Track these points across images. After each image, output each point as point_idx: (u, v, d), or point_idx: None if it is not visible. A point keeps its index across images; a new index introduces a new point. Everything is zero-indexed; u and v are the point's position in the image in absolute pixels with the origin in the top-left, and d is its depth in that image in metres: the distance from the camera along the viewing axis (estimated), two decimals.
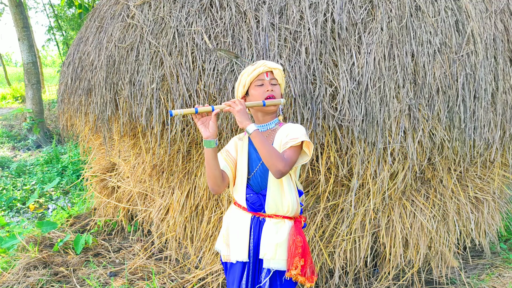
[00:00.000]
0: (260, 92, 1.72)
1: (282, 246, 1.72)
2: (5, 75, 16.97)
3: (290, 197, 1.72)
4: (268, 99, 1.71)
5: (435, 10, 2.48)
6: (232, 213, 1.86)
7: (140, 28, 2.62)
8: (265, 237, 1.73)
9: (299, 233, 1.75)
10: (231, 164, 1.82)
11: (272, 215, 1.75)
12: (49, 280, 2.88)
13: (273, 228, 1.73)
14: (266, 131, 1.78)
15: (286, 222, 1.75)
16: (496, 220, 3.06)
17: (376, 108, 2.29)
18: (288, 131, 1.71)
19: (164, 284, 2.83)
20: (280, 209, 1.74)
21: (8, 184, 5.66)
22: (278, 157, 1.58)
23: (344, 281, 2.82)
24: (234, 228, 1.81)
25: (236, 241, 1.79)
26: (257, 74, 1.72)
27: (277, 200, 1.72)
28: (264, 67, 1.72)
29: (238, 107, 1.64)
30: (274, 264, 1.71)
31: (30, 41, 8.28)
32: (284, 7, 2.41)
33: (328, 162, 2.45)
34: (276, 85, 1.76)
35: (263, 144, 1.59)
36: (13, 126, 9.75)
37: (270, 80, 1.74)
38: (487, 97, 2.49)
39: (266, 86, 1.73)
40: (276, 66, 1.75)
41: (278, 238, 1.72)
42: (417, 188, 2.73)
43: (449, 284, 2.89)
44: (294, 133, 1.68)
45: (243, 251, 1.76)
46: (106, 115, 2.73)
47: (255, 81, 1.73)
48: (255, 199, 1.76)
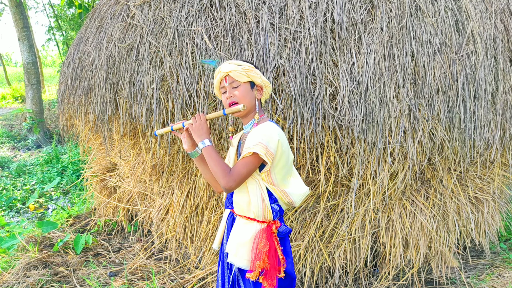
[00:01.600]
0: (224, 100, 1.73)
1: (245, 246, 1.69)
2: (5, 75, 16.97)
3: (256, 202, 1.68)
4: (231, 105, 1.70)
5: (435, 10, 2.48)
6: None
7: (140, 28, 2.62)
8: (231, 234, 1.76)
9: (267, 238, 1.68)
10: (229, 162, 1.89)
11: (241, 215, 1.74)
12: (49, 280, 2.88)
13: (239, 227, 1.74)
14: (246, 133, 1.77)
15: (255, 225, 1.70)
16: (496, 220, 3.06)
17: (376, 108, 2.29)
18: (250, 137, 1.65)
19: (164, 284, 2.83)
20: (246, 212, 1.72)
21: (8, 184, 5.66)
22: (222, 174, 1.61)
23: (344, 281, 2.82)
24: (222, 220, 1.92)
25: (218, 230, 1.92)
26: (218, 82, 1.73)
27: (241, 203, 1.71)
28: (220, 73, 1.70)
29: (196, 124, 1.68)
30: (236, 261, 1.70)
31: (30, 41, 8.28)
32: (284, 7, 2.41)
33: (328, 162, 2.45)
34: (238, 87, 1.68)
35: (210, 160, 1.65)
36: (13, 126, 9.75)
37: (230, 84, 1.68)
38: (487, 97, 2.49)
39: (227, 93, 1.71)
40: (230, 68, 1.67)
41: (242, 238, 1.70)
42: (417, 188, 2.73)
43: (449, 284, 2.89)
44: (250, 141, 1.63)
45: (217, 241, 1.89)
46: (106, 115, 2.73)
47: (220, 88, 1.75)
48: (229, 196, 1.83)
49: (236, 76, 1.67)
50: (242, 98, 1.67)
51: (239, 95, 1.67)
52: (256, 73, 1.71)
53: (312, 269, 2.68)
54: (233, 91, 1.68)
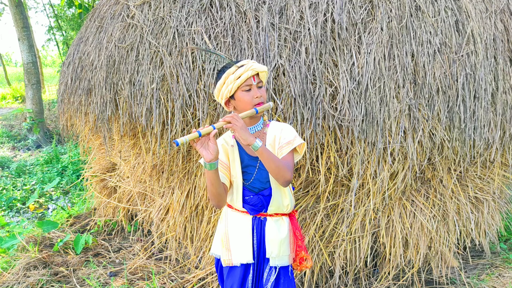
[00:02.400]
0: (249, 98, 1.64)
1: (285, 242, 1.77)
2: (5, 75, 16.97)
3: (289, 196, 1.78)
4: (258, 105, 1.66)
5: (435, 10, 2.48)
6: (229, 217, 1.82)
7: (140, 28, 2.62)
8: (270, 236, 1.75)
9: (297, 227, 1.84)
10: (227, 172, 1.77)
11: (272, 214, 1.78)
12: (49, 280, 2.88)
13: (275, 226, 1.77)
14: (255, 133, 1.74)
15: (285, 219, 1.81)
16: (496, 220, 3.06)
17: (376, 108, 2.29)
18: (280, 133, 1.70)
19: (164, 284, 2.83)
20: (281, 208, 1.78)
21: (8, 184, 5.66)
22: (285, 169, 1.59)
23: (344, 281, 2.82)
24: (235, 232, 1.78)
25: (238, 244, 1.76)
26: (245, 79, 1.63)
27: (279, 201, 1.76)
28: (252, 71, 1.63)
29: (239, 123, 1.52)
30: (279, 261, 1.76)
31: (30, 41, 8.27)
32: (284, 7, 2.41)
33: (328, 162, 2.45)
34: (262, 87, 1.70)
35: (272, 159, 1.57)
36: (13, 126, 9.75)
37: (257, 84, 1.66)
38: (487, 97, 2.49)
39: (254, 92, 1.66)
40: (262, 69, 1.67)
41: (281, 235, 1.76)
42: (417, 188, 2.73)
43: (449, 284, 2.89)
44: (287, 136, 1.68)
45: (247, 253, 1.74)
46: (106, 115, 2.73)
47: (242, 85, 1.65)
48: (256, 200, 1.75)
49: (263, 77, 1.69)
50: (265, 99, 1.71)
51: (264, 96, 1.70)
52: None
53: (312, 269, 2.68)
54: (260, 91, 1.68)
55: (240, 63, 1.65)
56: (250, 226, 1.76)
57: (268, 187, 1.75)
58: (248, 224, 1.76)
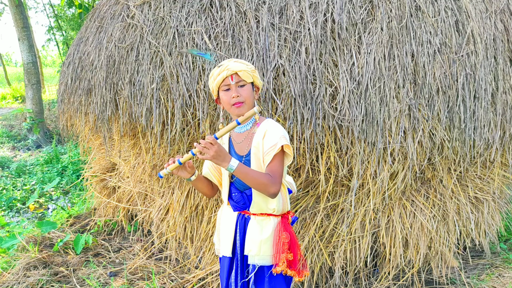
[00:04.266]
0: (227, 98, 1.67)
1: (267, 242, 1.73)
2: (5, 75, 16.97)
3: (277, 199, 1.73)
4: (235, 105, 1.65)
5: (435, 10, 2.48)
6: (223, 210, 1.91)
7: (140, 28, 2.62)
8: (250, 234, 1.74)
9: (286, 229, 1.76)
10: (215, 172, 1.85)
11: (257, 213, 1.76)
12: (49, 280, 2.88)
13: (257, 225, 1.75)
14: (243, 132, 1.74)
15: (272, 219, 1.76)
16: (496, 220, 3.05)
17: (376, 108, 2.29)
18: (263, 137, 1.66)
19: (164, 284, 2.83)
20: (265, 209, 1.75)
21: (8, 184, 5.66)
22: (266, 184, 1.59)
23: (344, 281, 2.82)
24: (223, 225, 1.85)
25: (224, 237, 1.83)
26: (222, 79, 1.65)
27: (261, 202, 1.73)
28: (227, 71, 1.63)
29: (211, 152, 1.53)
30: (258, 260, 1.73)
31: (30, 41, 8.27)
32: (284, 7, 2.41)
33: (328, 162, 2.45)
34: (245, 86, 1.67)
35: (250, 178, 1.59)
36: (13, 126, 9.75)
37: (237, 83, 1.65)
38: (487, 97, 2.49)
39: (232, 91, 1.65)
40: (240, 68, 1.64)
41: (263, 235, 1.73)
42: (417, 188, 2.73)
43: (449, 284, 2.89)
44: (270, 140, 1.63)
45: (228, 247, 1.80)
46: (106, 115, 2.73)
47: (221, 86, 1.68)
48: (239, 198, 1.78)
49: (243, 75, 1.66)
50: (247, 98, 1.67)
51: (245, 94, 1.66)
52: (257, 74, 1.74)
53: (312, 269, 2.68)
54: (239, 91, 1.66)
55: (221, 63, 1.68)
56: (234, 222, 1.79)
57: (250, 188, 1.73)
58: (233, 219, 1.80)
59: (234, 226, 1.79)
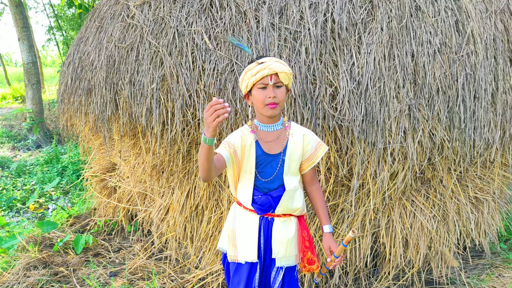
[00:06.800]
0: (261, 97, 1.63)
1: (292, 242, 1.77)
2: (5, 75, 16.96)
3: (300, 199, 1.78)
4: (269, 105, 1.62)
5: (435, 10, 2.48)
6: (238, 214, 1.83)
7: (140, 28, 2.62)
8: (276, 236, 1.75)
9: (305, 227, 1.84)
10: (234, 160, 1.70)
11: (280, 214, 1.78)
12: (49, 280, 2.88)
13: (282, 226, 1.77)
14: (273, 131, 1.74)
15: (293, 219, 1.81)
16: (496, 220, 3.05)
17: (376, 108, 2.29)
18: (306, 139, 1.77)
19: (164, 284, 2.83)
20: (290, 209, 1.78)
21: (8, 184, 5.66)
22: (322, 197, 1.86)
23: (344, 281, 2.82)
24: (242, 230, 1.79)
25: (244, 242, 1.77)
26: (261, 77, 1.60)
27: (289, 203, 1.76)
28: (269, 70, 1.59)
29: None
30: (285, 261, 1.77)
31: (30, 41, 8.27)
32: (284, 7, 2.41)
33: (328, 162, 2.45)
34: (281, 87, 1.65)
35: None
36: (13, 126, 9.75)
37: (274, 84, 1.62)
38: (487, 97, 2.49)
39: (268, 91, 1.62)
40: (281, 69, 1.60)
41: (288, 235, 1.76)
42: (417, 188, 2.73)
43: (449, 284, 2.89)
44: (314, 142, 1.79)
45: (252, 252, 1.75)
46: (106, 115, 2.73)
47: (258, 83, 1.63)
48: (264, 200, 1.74)
49: (283, 77, 1.62)
50: (282, 101, 1.65)
51: (281, 97, 1.64)
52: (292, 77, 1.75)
53: None
54: (276, 92, 1.63)
55: (261, 60, 1.62)
56: (257, 225, 1.76)
57: (279, 188, 1.75)
58: (255, 223, 1.76)
59: (257, 230, 1.76)
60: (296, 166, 1.76)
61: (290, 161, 1.73)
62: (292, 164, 1.74)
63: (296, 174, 1.78)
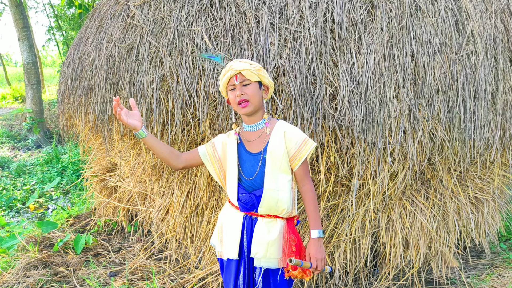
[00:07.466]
0: (233, 97, 1.71)
1: (274, 244, 1.72)
2: (5, 75, 16.96)
3: (287, 200, 1.73)
4: (240, 104, 1.69)
5: (435, 10, 2.48)
6: (226, 211, 1.88)
7: (140, 28, 2.62)
8: (257, 236, 1.73)
9: (293, 231, 1.77)
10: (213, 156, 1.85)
11: (264, 215, 1.75)
12: (49, 280, 2.88)
13: (264, 227, 1.74)
14: (256, 131, 1.77)
15: (278, 221, 1.76)
16: (496, 220, 3.05)
17: (376, 108, 2.29)
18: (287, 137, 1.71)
19: (164, 284, 2.83)
20: (274, 211, 1.74)
21: (8, 184, 5.66)
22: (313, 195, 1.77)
23: (344, 281, 2.82)
24: (227, 226, 1.82)
25: (229, 239, 1.80)
26: (227, 79, 1.70)
27: (271, 204, 1.72)
28: (231, 71, 1.67)
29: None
30: (264, 262, 1.72)
31: (30, 41, 8.27)
32: (284, 7, 2.41)
33: (328, 162, 2.45)
34: (249, 85, 1.69)
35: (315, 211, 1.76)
36: (13, 126, 9.75)
37: (241, 83, 1.68)
38: (487, 97, 2.49)
39: (237, 90, 1.69)
40: (243, 67, 1.67)
41: (270, 237, 1.72)
42: (417, 188, 2.73)
43: (449, 284, 2.89)
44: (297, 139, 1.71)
45: (234, 250, 1.77)
46: (106, 115, 2.73)
47: (228, 86, 1.72)
48: (248, 198, 1.76)
49: (247, 74, 1.67)
50: (253, 97, 1.69)
51: (250, 93, 1.68)
52: (264, 73, 1.74)
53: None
54: (244, 89, 1.68)
55: (228, 64, 1.72)
56: (241, 223, 1.78)
57: (260, 188, 1.74)
58: (239, 220, 1.78)
59: (240, 228, 1.77)
60: (281, 164, 1.71)
61: (273, 159, 1.71)
62: (275, 162, 1.71)
63: (285, 173, 1.73)
